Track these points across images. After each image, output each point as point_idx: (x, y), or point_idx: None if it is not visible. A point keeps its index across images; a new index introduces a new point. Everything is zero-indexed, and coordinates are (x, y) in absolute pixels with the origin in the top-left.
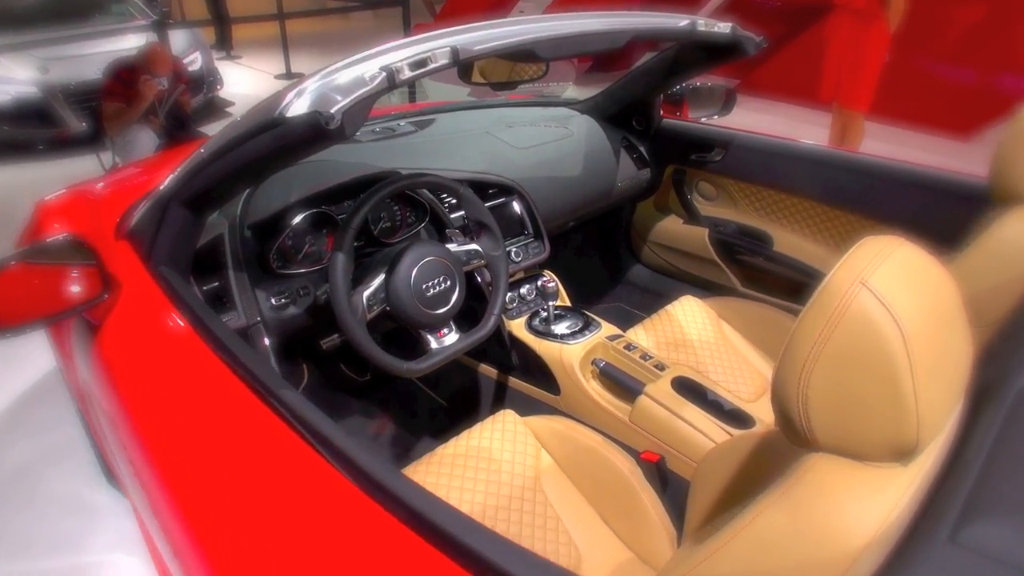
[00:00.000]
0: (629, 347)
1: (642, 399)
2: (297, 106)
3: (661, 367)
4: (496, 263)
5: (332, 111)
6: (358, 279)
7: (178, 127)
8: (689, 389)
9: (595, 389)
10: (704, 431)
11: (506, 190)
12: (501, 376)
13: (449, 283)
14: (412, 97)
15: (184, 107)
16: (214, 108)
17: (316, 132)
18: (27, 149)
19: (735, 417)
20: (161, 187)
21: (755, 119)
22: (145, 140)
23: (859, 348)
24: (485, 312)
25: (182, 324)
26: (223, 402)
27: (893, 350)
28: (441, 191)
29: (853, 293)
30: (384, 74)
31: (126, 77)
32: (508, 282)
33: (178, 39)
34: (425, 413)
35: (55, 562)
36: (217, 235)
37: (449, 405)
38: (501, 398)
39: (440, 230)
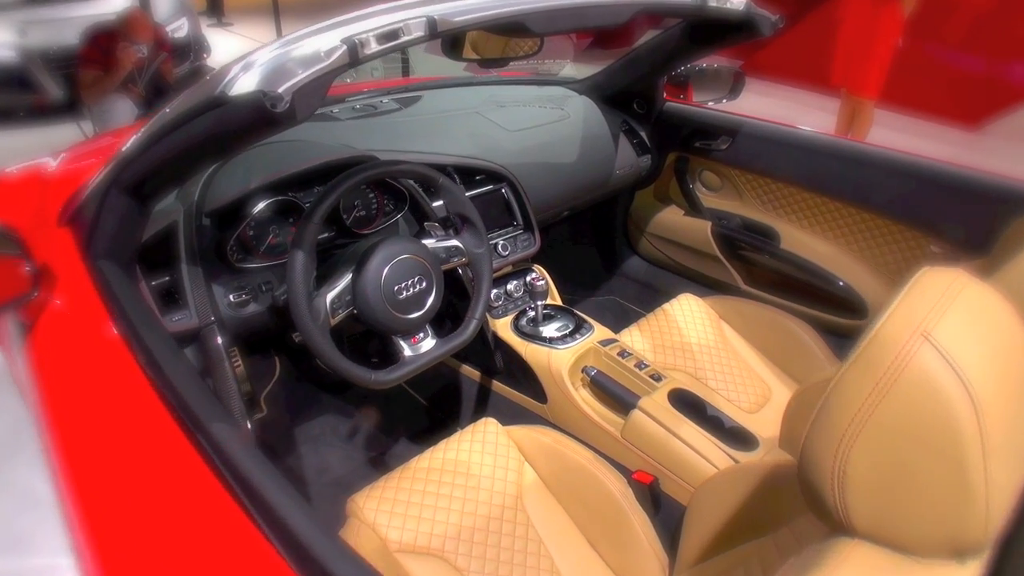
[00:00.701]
0: (623, 354)
1: (636, 414)
2: (243, 83)
3: (657, 377)
4: (479, 261)
5: (280, 91)
6: (324, 276)
7: (158, 97)
8: (687, 403)
9: (585, 399)
10: (702, 452)
11: (494, 176)
12: (484, 379)
13: (425, 284)
14: (406, 71)
15: (166, 76)
16: (201, 77)
17: (261, 115)
18: (7, 116)
19: (736, 436)
20: (102, 171)
21: (755, 103)
22: (123, 110)
23: (917, 418)
24: (466, 315)
25: (113, 331)
26: (140, 429)
27: (960, 422)
28: (417, 180)
29: (912, 348)
30: (345, 48)
31: (104, 43)
32: (492, 282)
33: (163, 4)
34: (404, 412)
35: (6, 564)
36: (171, 223)
37: (429, 404)
38: (484, 403)
39: (422, 220)
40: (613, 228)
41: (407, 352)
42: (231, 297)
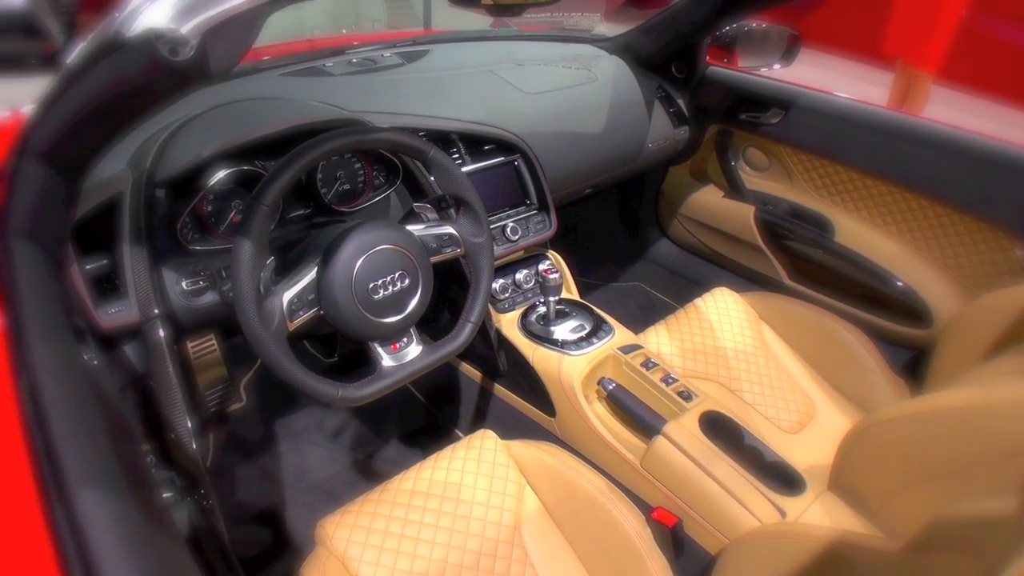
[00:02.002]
0: (648, 364)
1: (660, 441)
2: (144, 19)
3: (687, 396)
4: (477, 253)
5: (183, 31)
6: (289, 266)
7: None
8: (721, 430)
9: (600, 417)
10: (737, 494)
11: (506, 146)
12: (485, 382)
13: (407, 282)
14: (428, 23)
15: None
16: None
17: (158, 66)
18: (18, 65)
19: (779, 475)
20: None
21: (796, 72)
22: None
23: None
24: (460, 316)
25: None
26: None
27: None
28: (401, 152)
29: None
30: None
31: None
32: (492, 278)
33: None
34: (398, 409)
35: None
36: (116, 194)
37: (427, 402)
38: (483, 409)
39: (419, 197)
40: (642, 207)
41: (385, 362)
42: (184, 284)
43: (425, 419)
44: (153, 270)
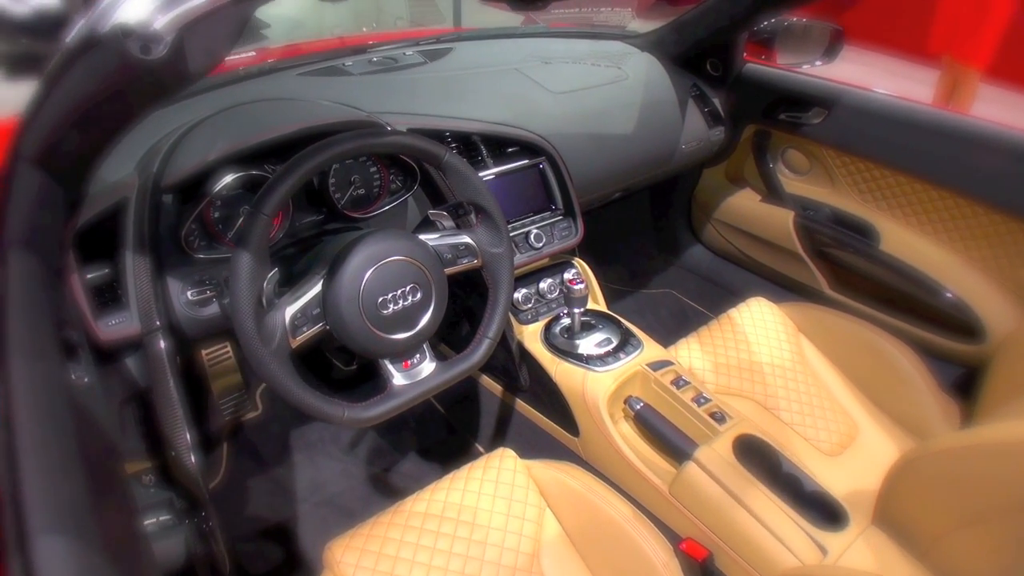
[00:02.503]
0: (679, 382)
1: (690, 467)
2: (120, 14)
3: (721, 418)
4: (496, 265)
5: (156, 26)
6: (295, 278)
7: None
8: (757, 456)
9: (626, 438)
10: (774, 528)
11: (531, 148)
12: (506, 396)
13: (419, 296)
14: (459, 21)
15: None
16: (248, 29)
17: (130, 66)
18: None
19: (819, 507)
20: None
21: (831, 68)
22: None
23: None
24: (477, 331)
25: None
26: None
27: None
28: (414, 156)
29: None
30: None
31: None
32: (512, 291)
33: None
34: (417, 421)
35: None
36: (121, 200)
37: (447, 413)
38: (504, 425)
39: (438, 202)
40: (674, 211)
41: (396, 380)
42: (189, 294)
43: (444, 432)
44: (157, 279)
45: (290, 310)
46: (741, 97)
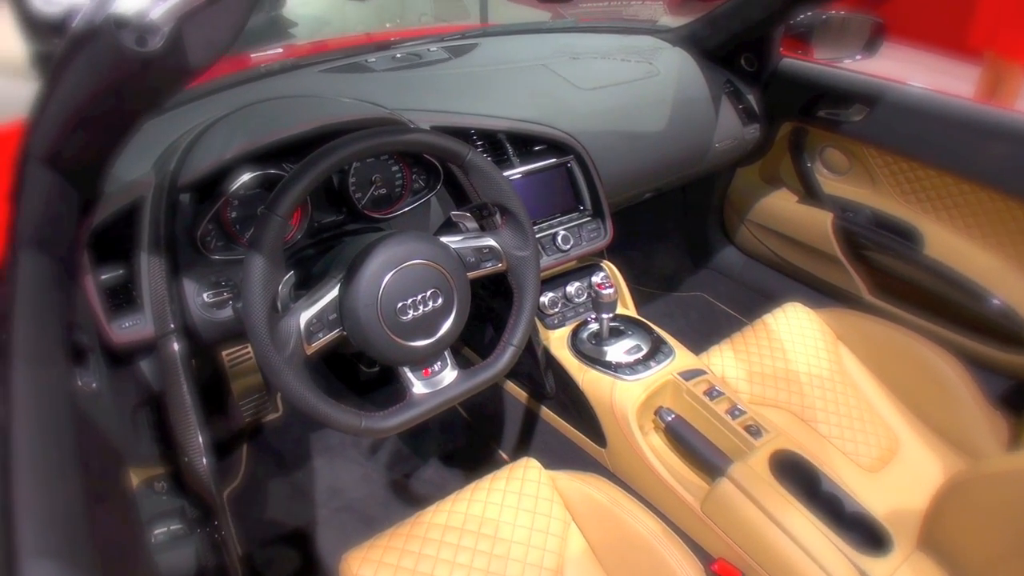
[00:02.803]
0: (712, 393)
1: (723, 484)
2: (117, 4)
3: (756, 431)
4: (521, 269)
5: (152, 16)
6: (312, 281)
7: None
8: (794, 472)
9: (656, 450)
10: (811, 551)
11: (558, 147)
12: (531, 403)
13: (440, 302)
14: (486, 17)
15: None
16: (276, 28)
17: (124, 59)
18: None
19: (861, 529)
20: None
21: (868, 65)
22: None
23: None
24: (502, 338)
25: None
26: None
27: None
28: (436, 155)
29: None
30: None
31: None
32: (539, 295)
33: None
34: (440, 426)
35: None
36: (137, 199)
37: (470, 419)
38: (528, 432)
39: (462, 202)
40: (706, 211)
41: (416, 388)
42: (205, 296)
43: (467, 438)
44: (173, 281)
45: (305, 315)
46: (777, 93)
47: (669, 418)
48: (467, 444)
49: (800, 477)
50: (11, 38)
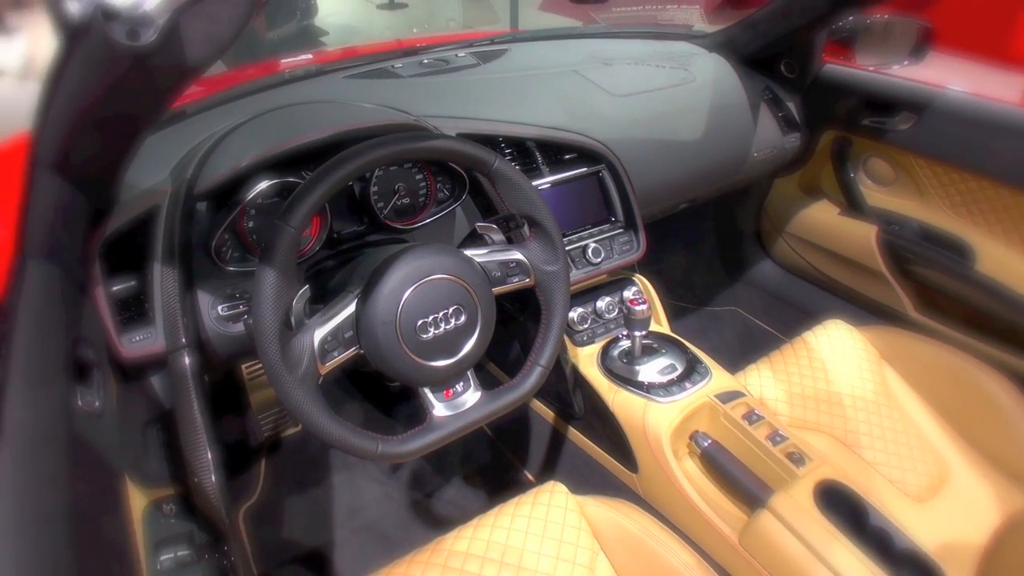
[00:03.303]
0: (751, 416)
1: (764, 516)
2: None
3: (799, 459)
4: (550, 284)
5: (146, 7)
6: (329, 295)
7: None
8: (840, 504)
9: (691, 477)
10: None
11: (590, 155)
12: (559, 422)
13: (463, 319)
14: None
15: (257, 33)
16: (307, 37)
17: (115, 54)
18: None
19: (914, 568)
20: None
21: (910, 72)
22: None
23: None
24: (528, 357)
25: None
26: None
27: None
28: (460, 163)
29: None
30: None
31: None
32: (567, 312)
33: None
34: (462, 443)
35: None
36: (152, 207)
37: (495, 437)
38: (555, 454)
39: (489, 212)
40: (741, 223)
41: (437, 411)
42: (220, 309)
43: (491, 457)
44: (186, 293)
45: (320, 332)
46: (819, 101)
47: (705, 443)
48: (491, 463)
49: (846, 509)
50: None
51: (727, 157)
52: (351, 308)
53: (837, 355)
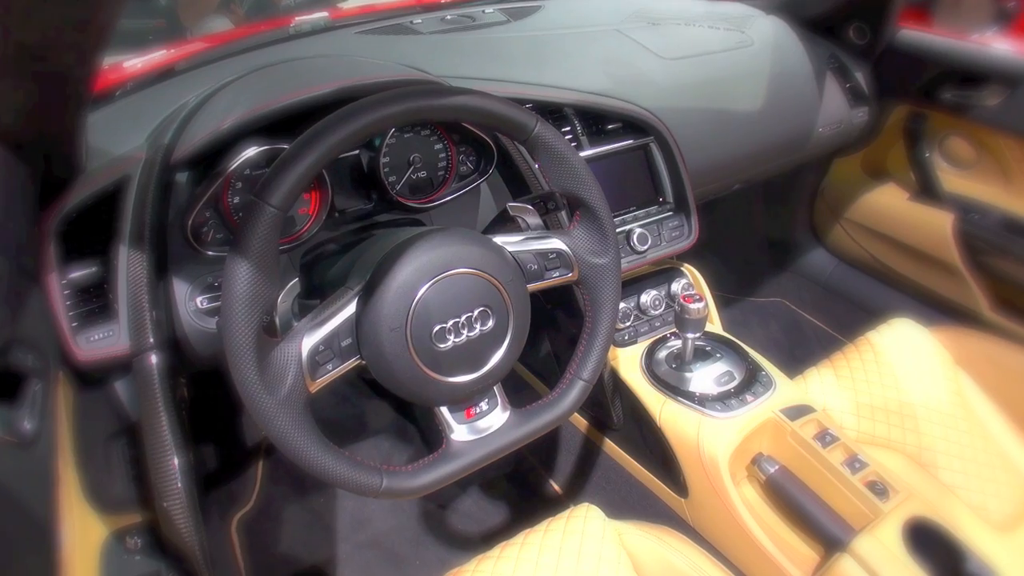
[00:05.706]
0: (824, 437)
1: (844, 560)
2: None
3: (882, 491)
4: (597, 280)
5: None
6: (325, 291)
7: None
8: (933, 547)
9: (752, 508)
10: None
11: (635, 126)
12: (593, 433)
13: (492, 324)
14: None
15: None
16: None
17: None
18: (138, 39)
19: None
20: None
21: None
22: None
23: None
24: (567, 368)
25: None
26: None
27: None
28: (493, 128)
29: None
30: None
31: None
32: (617, 314)
33: None
34: None
35: None
36: (122, 177)
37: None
38: (588, 466)
39: (520, 191)
40: (793, 207)
41: (456, 435)
42: (198, 301)
43: (514, 465)
44: (158, 282)
45: (310, 340)
46: (892, 71)
47: (772, 469)
48: (513, 472)
49: (940, 553)
50: None
51: (791, 132)
52: (351, 309)
53: (907, 359)
